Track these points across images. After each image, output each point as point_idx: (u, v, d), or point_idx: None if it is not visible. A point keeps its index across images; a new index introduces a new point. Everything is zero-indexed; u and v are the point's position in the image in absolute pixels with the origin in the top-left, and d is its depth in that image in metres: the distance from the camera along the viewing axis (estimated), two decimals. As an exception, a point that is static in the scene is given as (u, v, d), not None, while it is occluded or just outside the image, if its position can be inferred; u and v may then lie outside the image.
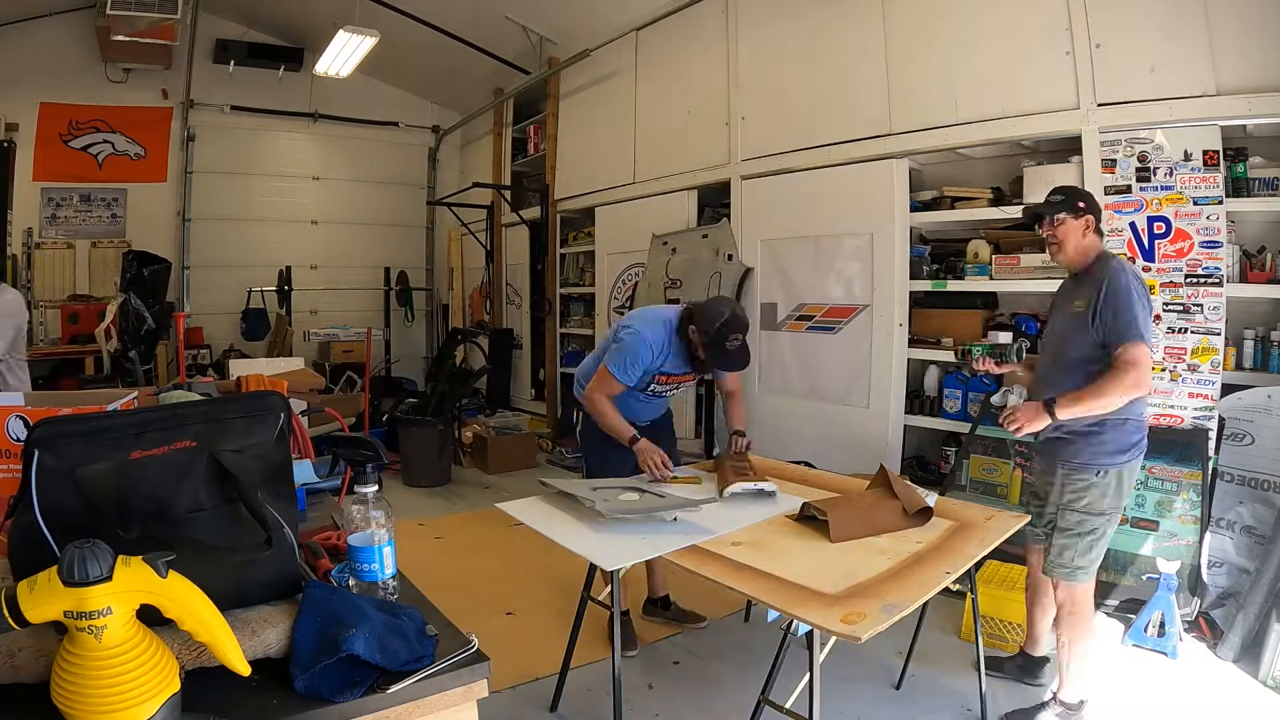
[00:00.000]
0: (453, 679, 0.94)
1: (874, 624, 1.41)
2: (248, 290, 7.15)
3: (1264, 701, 2.34)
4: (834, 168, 4.01)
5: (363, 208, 7.98)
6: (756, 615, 2.91)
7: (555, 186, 6.42)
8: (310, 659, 0.87)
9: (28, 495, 0.86)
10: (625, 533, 1.91)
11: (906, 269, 3.74)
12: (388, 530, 1.08)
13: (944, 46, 3.55)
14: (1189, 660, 2.59)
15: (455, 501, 4.80)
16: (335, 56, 6.05)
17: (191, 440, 0.97)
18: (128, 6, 4.75)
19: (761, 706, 1.80)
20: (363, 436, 1.41)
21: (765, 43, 4.41)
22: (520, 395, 7.14)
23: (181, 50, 6.36)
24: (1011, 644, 2.66)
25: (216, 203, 7.16)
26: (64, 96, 6.38)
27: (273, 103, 7.33)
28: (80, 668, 0.73)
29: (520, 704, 2.36)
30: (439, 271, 8.57)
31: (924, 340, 3.74)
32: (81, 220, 6.61)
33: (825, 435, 4.04)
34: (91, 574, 0.71)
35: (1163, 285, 2.90)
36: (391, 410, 5.73)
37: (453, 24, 6.14)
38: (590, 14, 5.54)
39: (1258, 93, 2.67)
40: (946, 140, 3.54)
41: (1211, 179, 2.79)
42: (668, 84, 5.20)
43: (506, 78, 6.69)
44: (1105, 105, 3.01)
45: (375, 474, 1.10)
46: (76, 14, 6.22)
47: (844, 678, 2.40)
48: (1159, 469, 2.87)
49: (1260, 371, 2.81)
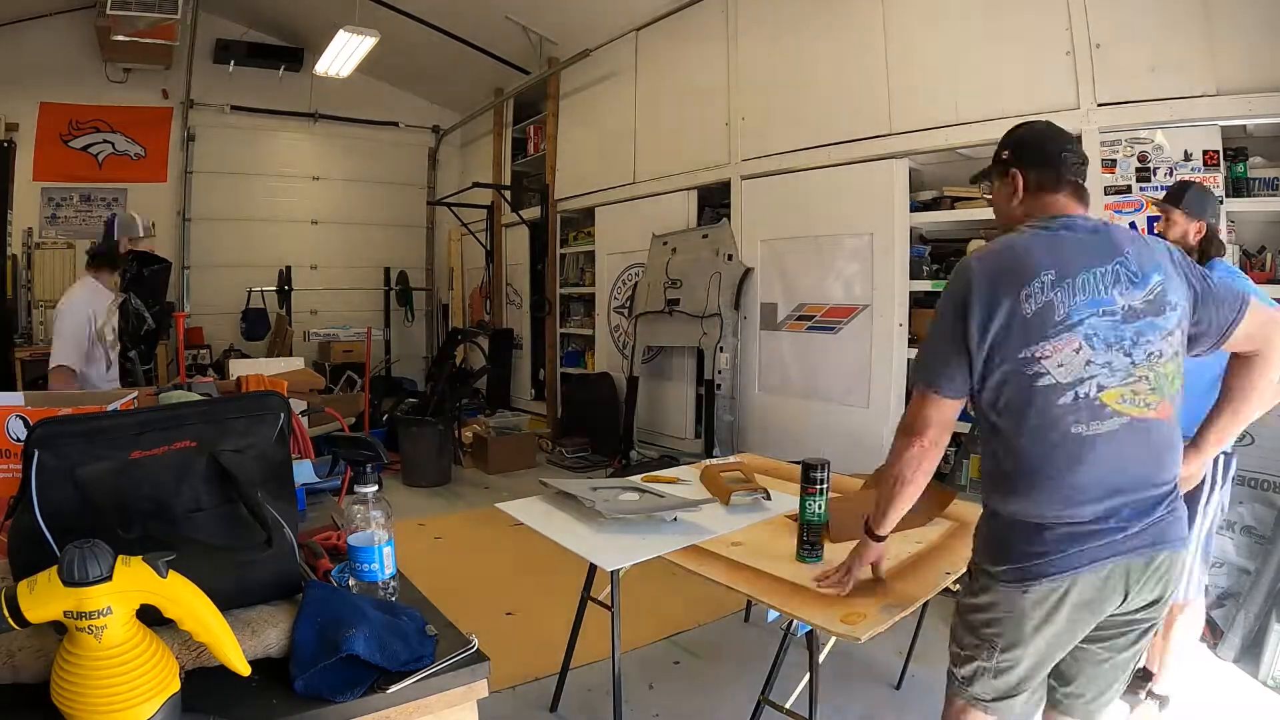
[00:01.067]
0: (453, 679, 0.93)
1: (874, 624, 1.41)
2: (248, 290, 7.15)
3: (1264, 701, 2.35)
4: (834, 168, 4.01)
5: (363, 208, 7.98)
6: (756, 615, 2.91)
7: (555, 186, 6.42)
8: (310, 659, 0.87)
9: (27, 495, 0.86)
10: (625, 533, 1.91)
11: (906, 269, 3.74)
12: (388, 530, 1.08)
13: (944, 46, 3.55)
14: (1189, 660, 2.58)
15: (455, 501, 4.79)
16: (335, 56, 6.05)
17: (191, 440, 0.97)
18: (128, 6, 4.75)
19: (761, 706, 1.80)
20: (363, 436, 1.41)
21: (765, 43, 4.41)
22: (520, 395, 7.14)
23: (181, 50, 6.36)
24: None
25: (216, 203, 7.16)
26: (64, 96, 6.38)
27: (273, 103, 7.33)
28: (80, 668, 0.73)
29: (520, 704, 2.36)
30: (439, 271, 8.57)
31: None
32: (81, 220, 6.60)
33: (825, 435, 4.04)
34: (91, 574, 0.71)
35: (1163, 285, 2.90)
36: (391, 410, 5.73)
37: (453, 24, 6.15)
38: (590, 14, 5.54)
39: (1258, 93, 2.67)
40: (946, 140, 3.54)
41: (1211, 179, 2.78)
42: (668, 84, 5.21)
43: (506, 78, 6.69)
44: (1105, 105, 3.01)
45: (375, 474, 1.10)
46: (76, 14, 6.22)
47: (844, 678, 2.40)
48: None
49: (1260, 371, 2.80)
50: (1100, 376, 1.23)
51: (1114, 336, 1.24)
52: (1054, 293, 1.23)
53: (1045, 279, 1.23)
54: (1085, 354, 1.22)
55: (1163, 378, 1.27)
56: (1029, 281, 1.23)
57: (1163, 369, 1.27)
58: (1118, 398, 1.24)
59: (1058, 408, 1.23)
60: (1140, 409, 1.25)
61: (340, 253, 7.88)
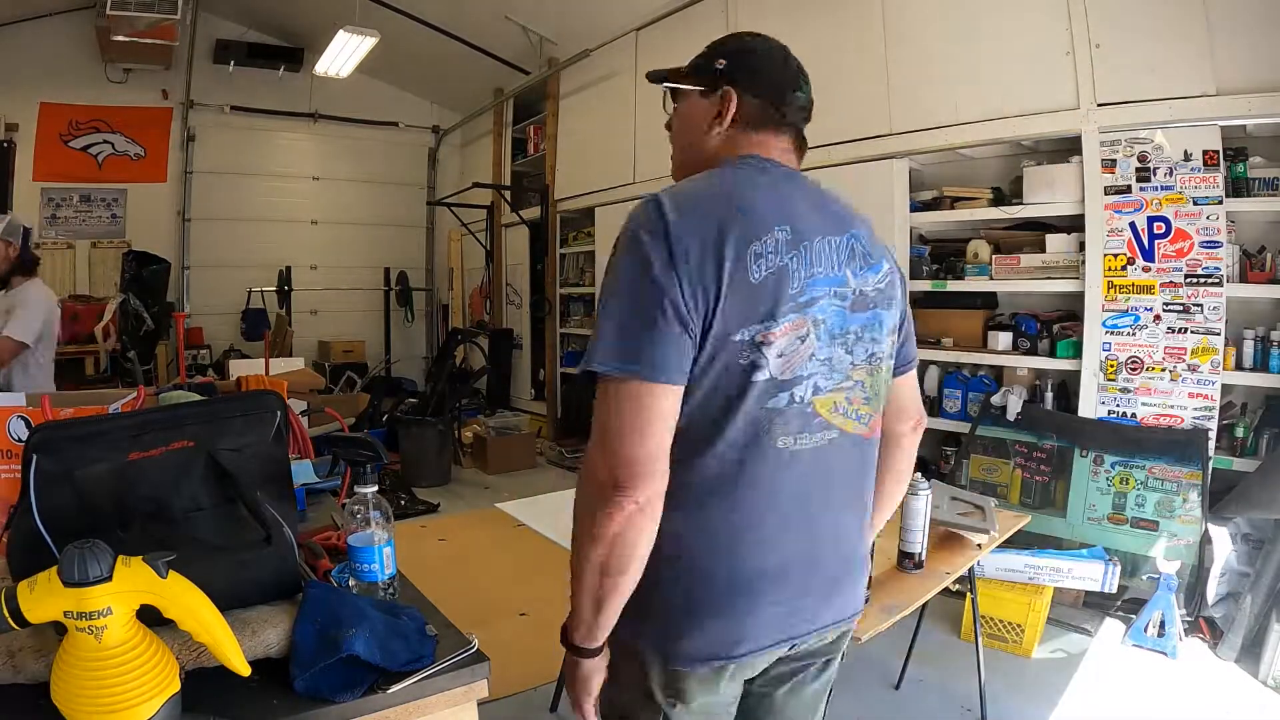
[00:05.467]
0: (453, 679, 0.94)
1: (874, 624, 1.41)
2: (248, 290, 7.15)
3: (1264, 701, 2.34)
4: (834, 167, 4.01)
5: (362, 208, 7.98)
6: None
7: (555, 186, 6.42)
8: (310, 659, 0.87)
9: (27, 499, 0.86)
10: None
11: (907, 269, 3.73)
12: (387, 531, 1.08)
13: (944, 47, 3.55)
14: (1189, 660, 2.59)
15: (455, 502, 4.79)
16: (335, 57, 6.05)
17: (189, 440, 0.97)
18: (127, 6, 4.75)
19: (761, 706, 1.79)
20: (363, 436, 1.41)
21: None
22: (520, 395, 7.14)
23: (181, 50, 6.36)
24: (1011, 644, 2.66)
25: (216, 203, 7.16)
26: (64, 96, 6.38)
27: (273, 103, 7.33)
28: (80, 668, 0.73)
29: (520, 704, 2.36)
30: (439, 271, 8.56)
31: (924, 340, 3.73)
32: (81, 220, 6.60)
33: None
34: (91, 574, 0.71)
35: (1163, 285, 2.90)
36: (391, 410, 5.73)
37: (453, 24, 6.15)
38: (590, 14, 5.54)
39: (1258, 93, 2.66)
40: (946, 140, 3.54)
41: (1211, 179, 2.79)
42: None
43: (506, 78, 6.69)
44: (1105, 105, 3.01)
45: (375, 474, 1.10)
46: (76, 14, 6.21)
47: (844, 678, 2.39)
48: (1159, 469, 2.87)
49: (1260, 371, 2.80)
50: (819, 376, 0.93)
51: (839, 326, 0.94)
52: (789, 257, 0.89)
53: (780, 235, 0.89)
54: (810, 344, 0.92)
55: (881, 385, 1.02)
56: (761, 236, 0.88)
57: (881, 375, 1.01)
58: (831, 405, 0.95)
59: (764, 411, 0.90)
60: (853, 423, 0.98)
61: (340, 253, 7.88)
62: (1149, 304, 2.93)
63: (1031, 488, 3.24)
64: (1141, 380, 2.96)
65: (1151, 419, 2.95)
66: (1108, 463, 3.00)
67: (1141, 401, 2.97)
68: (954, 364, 3.70)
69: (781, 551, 0.94)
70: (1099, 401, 3.08)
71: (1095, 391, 3.09)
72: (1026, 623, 2.64)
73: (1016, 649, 2.65)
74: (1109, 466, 3.00)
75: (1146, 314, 2.94)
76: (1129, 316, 2.98)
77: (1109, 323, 3.03)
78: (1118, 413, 3.03)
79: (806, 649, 1.02)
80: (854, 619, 1.07)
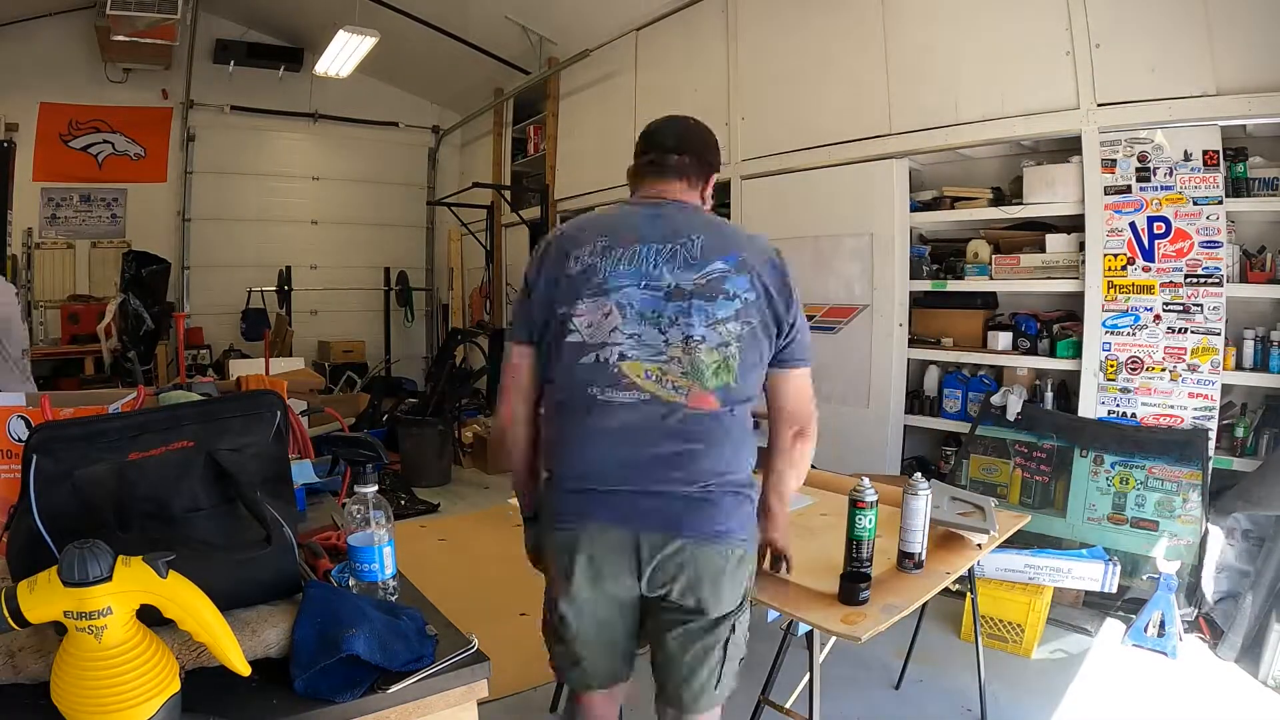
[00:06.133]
0: (453, 679, 0.94)
1: (874, 624, 1.41)
2: (248, 290, 7.14)
3: (1264, 701, 2.34)
4: (834, 168, 4.01)
5: (362, 208, 7.98)
6: (757, 615, 2.90)
7: (555, 186, 6.42)
8: (310, 659, 0.87)
9: (27, 499, 0.86)
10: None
11: (906, 269, 3.74)
12: (388, 530, 1.08)
13: (944, 46, 3.55)
14: (1189, 660, 2.59)
15: (456, 502, 4.79)
16: (335, 57, 6.04)
17: (189, 440, 0.97)
18: (127, 6, 4.74)
19: (761, 706, 1.80)
20: (362, 436, 1.41)
21: (765, 42, 4.41)
22: (520, 395, 7.12)
23: (181, 50, 6.36)
24: (1011, 644, 2.66)
25: (216, 203, 7.15)
26: (64, 96, 6.37)
27: (272, 103, 7.33)
28: (80, 668, 0.73)
29: (520, 704, 2.36)
30: (439, 271, 8.56)
31: (924, 340, 3.74)
32: (81, 220, 6.60)
33: (824, 435, 4.01)
34: (91, 574, 0.71)
35: (1163, 285, 2.90)
36: (391, 410, 5.73)
37: (453, 24, 6.14)
38: (590, 14, 5.54)
39: (1258, 93, 2.66)
40: (946, 140, 3.54)
41: (1211, 179, 2.79)
42: (667, 84, 5.20)
43: (506, 78, 6.69)
44: (1105, 105, 3.01)
45: (375, 474, 1.11)
46: (76, 14, 6.21)
47: (844, 678, 2.40)
48: (1159, 469, 2.87)
49: (1260, 371, 2.80)
50: (625, 345, 1.28)
51: (650, 309, 1.29)
52: (597, 258, 1.32)
53: (598, 243, 1.33)
54: (614, 320, 1.29)
55: (701, 365, 1.29)
56: (582, 246, 1.34)
57: (701, 356, 1.28)
58: (641, 372, 1.29)
59: (579, 366, 1.30)
60: (666, 391, 1.29)
61: (340, 253, 7.88)
62: (1149, 304, 2.93)
63: (1031, 488, 3.24)
64: (1141, 380, 2.97)
65: (1151, 419, 2.95)
66: (1108, 463, 3.00)
67: (1141, 401, 2.97)
68: (954, 364, 3.70)
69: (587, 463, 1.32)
70: (1099, 401, 3.08)
71: (1095, 391, 3.09)
72: (1026, 623, 2.64)
73: (1016, 649, 2.65)
74: (1109, 466, 3.00)
75: (1146, 314, 2.94)
76: (1129, 316, 2.98)
77: (1109, 323, 3.03)
78: (1118, 413, 3.04)
79: (649, 547, 1.29)
80: (696, 539, 1.30)
